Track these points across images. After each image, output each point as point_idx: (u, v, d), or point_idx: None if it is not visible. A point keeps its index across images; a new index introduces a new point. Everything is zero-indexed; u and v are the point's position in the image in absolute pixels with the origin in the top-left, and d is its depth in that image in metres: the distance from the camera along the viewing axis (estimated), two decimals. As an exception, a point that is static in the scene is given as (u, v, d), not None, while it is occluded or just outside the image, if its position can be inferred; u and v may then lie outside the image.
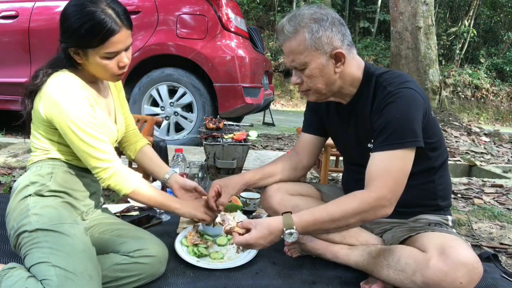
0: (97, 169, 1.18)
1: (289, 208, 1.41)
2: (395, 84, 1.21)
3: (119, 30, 1.14)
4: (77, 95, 1.16)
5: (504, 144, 4.90)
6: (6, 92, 3.38)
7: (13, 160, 2.59)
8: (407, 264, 1.15)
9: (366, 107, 1.28)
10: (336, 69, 1.23)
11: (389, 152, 1.15)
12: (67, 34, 1.15)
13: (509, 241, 1.81)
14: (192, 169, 1.99)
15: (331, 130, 1.50)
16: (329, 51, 1.20)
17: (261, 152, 3.53)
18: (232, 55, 3.32)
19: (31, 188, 1.18)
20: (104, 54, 1.15)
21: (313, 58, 1.21)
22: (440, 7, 12.33)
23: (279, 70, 11.26)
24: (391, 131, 1.16)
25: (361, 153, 1.33)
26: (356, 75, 1.28)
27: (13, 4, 3.43)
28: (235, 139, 2.12)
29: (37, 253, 1.07)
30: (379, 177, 1.14)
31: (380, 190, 1.13)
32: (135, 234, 1.27)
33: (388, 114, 1.17)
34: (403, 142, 1.15)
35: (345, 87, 1.29)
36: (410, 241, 1.25)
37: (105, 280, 1.13)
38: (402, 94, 1.17)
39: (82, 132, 1.14)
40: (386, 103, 1.18)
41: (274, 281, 1.32)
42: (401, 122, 1.15)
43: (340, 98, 1.34)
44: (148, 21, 3.33)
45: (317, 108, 1.50)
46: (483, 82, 11.60)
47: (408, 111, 1.16)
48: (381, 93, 1.23)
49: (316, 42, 1.19)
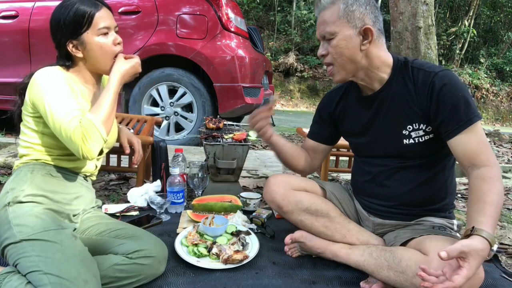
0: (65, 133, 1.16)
1: (292, 203, 1.43)
2: (435, 68, 1.24)
3: (100, 7, 1.28)
4: (58, 78, 1.22)
5: (504, 144, 4.90)
6: (6, 92, 3.39)
7: (13, 160, 2.59)
8: (408, 266, 1.15)
9: (406, 90, 1.27)
10: (362, 46, 1.24)
11: (471, 127, 1.17)
12: (60, 30, 1.25)
13: (509, 241, 1.81)
14: (192, 169, 1.99)
15: (351, 131, 1.48)
16: (359, 27, 1.22)
17: (261, 152, 3.53)
18: (232, 55, 3.32)
19: (9, 196, 1.18)
20: (97, 31, 1.26)
21: (342, 29, 1.22)
22: (440, 7, 12.32)
23: (279, 70, 11.26)
24: (463, 109, 1.17)
25: (393, 142, 1.33)
26: (384, 59, 1.29)
27: (13, 4, 3.43)
28: (235, 139, 2.12)
29: (25, 262, 1.05)
30: (481, 150, 1.15)
31: (491, 160, 1.14)
32: (134, 234, 1.27)
33: (450, 95, 1.19)
34: (476, 115, 1.17)
35: (372, 70, 1.29)
36: (412, 243, 1.24)
37: (104, 281, 1.13)
38: (451, 75, 1.21)
39: (52, 94, 1.18)
40: (442, 84, 1.20)
41: (274, 281, 1.32)
42: (465, 98, 1.18)
43: (369, 83, 1.32)
44: (148, 21, 3.34)
45: (332, 108, 1.50)
46: (483, 82, 11.60)
47: (464, 88, 1.20)
48: (423, 74, 1.24)
49: (349, 15, 1.22)
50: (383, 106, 1.33)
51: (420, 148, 1.29)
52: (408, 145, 1.29)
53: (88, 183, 1.42)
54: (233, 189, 2.12)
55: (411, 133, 1.28)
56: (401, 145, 1.30)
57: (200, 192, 2.03)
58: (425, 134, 1.27)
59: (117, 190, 2.27)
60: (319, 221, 1.43)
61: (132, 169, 2.11)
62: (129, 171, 2.19)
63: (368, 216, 1.44)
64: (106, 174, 2.53)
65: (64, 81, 1.23)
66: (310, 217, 1.44)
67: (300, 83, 11.32)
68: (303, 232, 1.46)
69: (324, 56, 1.29)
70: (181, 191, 1.90)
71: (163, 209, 1.78)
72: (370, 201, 1.43)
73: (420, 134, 1.27)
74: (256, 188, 2.37)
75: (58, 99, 1.18)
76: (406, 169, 1.33)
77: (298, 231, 1.47)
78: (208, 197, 1.95)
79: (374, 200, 1.41)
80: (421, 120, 1.26)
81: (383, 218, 1.39)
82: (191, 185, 2.01)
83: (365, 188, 1.44)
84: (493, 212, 1.05)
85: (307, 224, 1.45)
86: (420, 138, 1.28)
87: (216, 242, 1.46)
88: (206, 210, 1.86)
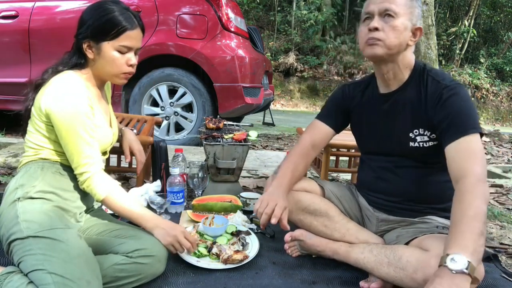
0: (76, 170, 1.22)
1: (291, 203, 1.43)
2: (448, 79, 1.27)
3: (135, 27, 1.26)
4: (79, 94, 1.19)
5: (504, 144, 4.90)
6: (6, 92, 3.39)
7: (13, 160, 2.59)
8: (409, 262, 1.15)
9: (418, 96, 1.31)
10: (410, 41, 1.28)
11: (466, 137, 1.16)
12: (86, 25, 1.23)
13: (509, 241, 1.81)
14: (192, 169, 1.99)
15: (360, 126, 1.49)
16: (414, 23, 1.28)
17: (261, 152, 3.53)
18: (232, 55, 3.32)
19: (19, 192, 1.18)
20: (118, 47, 1.24)
21: (405, 16, 1.26)
22: (440, 7, 12.32)
23: (279, 70, 11.26)
24: (463, 119, 1.19)
25: (400, 143, 1.35)
26: (411, 61, 1.34)
27: (13, 4, 3.43)
28: (235, 139, 2.12)
29: (30, 260, 1.05)
30: (468, 162, 1.13)
31: (476, 174, 1.10)
32: (133, 234, 1.27)
33: (454, 105, 1.22)
34: (474, 127, 1.18)
35: (400, 66, 1.32)
36: (414, 242, 1.25)
37: (105, 280, 1.12)
38: (460, 88, 1.24)
39: (73, 133, 1.17)
40: (449, 95, 1.23)
41: (274, 281, 1.32)
42: (468, 111, 1.20)
43: (390, 80, 1.35)
44: (148, 21, 3.33)
45: (348, 100, 1.50)
46: (483, 82, 11.60)
47: (470, 103, 1.23)
48: (435, 85, 1.27)
49: (412, 8, 1.27)
50: (395, 107, 1.36)
51: (425, 152, 1.32)
52: (414, 147, 1.32)
53: None
54: (233, 189, 2.12)
55: (416, 137, 1.32)
56: (407, 147, 1.33)
57: (200, 192, 2.03)
58: (430, 140, 1.30)
59: (117, 190, 2.26)
60: (318, 220, 1.44)
61: (132, 169, 2.11)
62: (129, 171, 2.19)
63: (373, 212, 1.44)
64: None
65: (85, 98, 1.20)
66: (309, 217, 1.45)
67: (300, 83, 11.32)
68: (303, 231, 1.46)
69: (376, 30, 1.27)
70: (181, 191, 1.90)
71: (163, 209, 1.78)
72: (375, 196, 1.44)
73: (425, 139, 1.31)
74: (256, 188, 2.37)
75: (79, 127, 1.18)
76: (412, 167, 1.35)
77: (298, 229, 1.48)
78: (208, 197, 1.95)
79: (380, 195, 1.43)
80: (426, 127, 1.30)
81: (388, 213, 1.41)
82: (191, 185, 2.01)
83: (371, 183, 1.46)
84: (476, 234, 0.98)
85: (306, 223, 1.46)
86: (424, 143, 1.31)
87: (216, 242, 1.46)
88: (206, 210, 1.86)
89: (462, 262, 0.94)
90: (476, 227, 0.99)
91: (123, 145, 1.63)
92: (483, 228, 1.00)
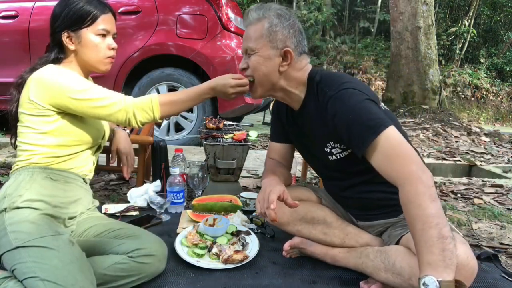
0: (115, 115, 1.24)
1: (287, 214, 1.40)
2: (334, 87, 1.20)
3: (107, 11, 1.32)
4: (68, 72, 1.25)
5: (504, 144, 4.90)
6: (6, 92, 3.38)
7: (13, 160, 2.59)
8: (402, 269, 1.15)
9: (317, 110, 1.27)
10: (281, 67, 1.25)
11: (371, 146, 1.09)
12: (61, 17, 1.27)
13: (509, 241, 1.81)
14: (192, 169, 1.99)
15: (293, 139, 1.49)
16: (280, 48, 1.24)
17: (261, 152, 3.53)
18: (232, 55, 3.31)
19: (6, 201, 1.17)
20: (97, 30, 1.29)
21: (263, 48, 1.24)
22: (440, 7, 12.32)
23: (279, 70, 11.24)
24: (357, 132, 1.12)
25: (322, 158, 1.33)
26: (301, 79, 1.29)
27: (13, 4, 3.43)
28: (235, 139, 2.12)
29: (22, 268, 1.04)
30: (390, 164, 1.08)
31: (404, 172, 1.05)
32: (133, 233, 1.27)
33: (342, 121, 1.15)
34: (372, 132, 1.09)
35: (290, 90, 1.30)
36: (403, 240, 1.23)
37: (105, 280, 1.13)
38: (342, 97, 1.17)
39: (84, 94, 1.21)
40: (335, 109, 1.17)
41: (274, 281, 1.32)
42: (356, 119, 1.12)
43: (290, 102, 1.35)
44: (148, 21, 3.33)
45: (279, 114, 1.49)
46: (483, 82, 11.59)
47: (356, 107, 1.14)
48: (323, 98, 1.22)
49: (272, 35, 1.23)
50: (306, 125, 1.35)
51: (346, 162, 1.28)
52: (334, 161, 1.30)
53: (86, 185, 1.40)
54: (233, 189, 2.12)
55: (332, 150, 1.29)
56: (328, 161, 1.31)
57: (200, 192, 2.03)
58: (342, 150, 1.27)
59: (117, 190, 2.27)
60: (316, 228, 1.42)
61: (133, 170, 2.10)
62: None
63: (357, 222, 1.44)
64: (106, 174, 2.53)
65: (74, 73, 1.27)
66: (307, 226, 1.42)
67: (300, 83, 11.31)
68: (302, 239, 1.44)
69: (245, 70, 1.30)
70: (181, 191, 1.90)
71: (163, 209, 1.78)
72: (349, 211, 1.46)
73: (338, 151, 1.28)
74: (256, 188, 2.37)
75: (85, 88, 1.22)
76: (352, 179, 1.31)
77: (297, 237, 1.46)
78: (208, 197, 1.95)
79: (351, 210, 1.44)
80: (334, 139, 1.26)
81: (370, 220, 1.39)
82: (191, 185, 2.01)
83: (338, 201, 1.47)
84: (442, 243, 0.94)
85: (305, 233, 1.43)
86: (340, 154, 1.28)
87: (216, 242, 1.46)
88: (206, 210, 1.86)
89: (433, 284, 0.92)
90: (431, 237, 0.95)
91: (112, 146, 1.59)
92: (440, 230, 0.95)
